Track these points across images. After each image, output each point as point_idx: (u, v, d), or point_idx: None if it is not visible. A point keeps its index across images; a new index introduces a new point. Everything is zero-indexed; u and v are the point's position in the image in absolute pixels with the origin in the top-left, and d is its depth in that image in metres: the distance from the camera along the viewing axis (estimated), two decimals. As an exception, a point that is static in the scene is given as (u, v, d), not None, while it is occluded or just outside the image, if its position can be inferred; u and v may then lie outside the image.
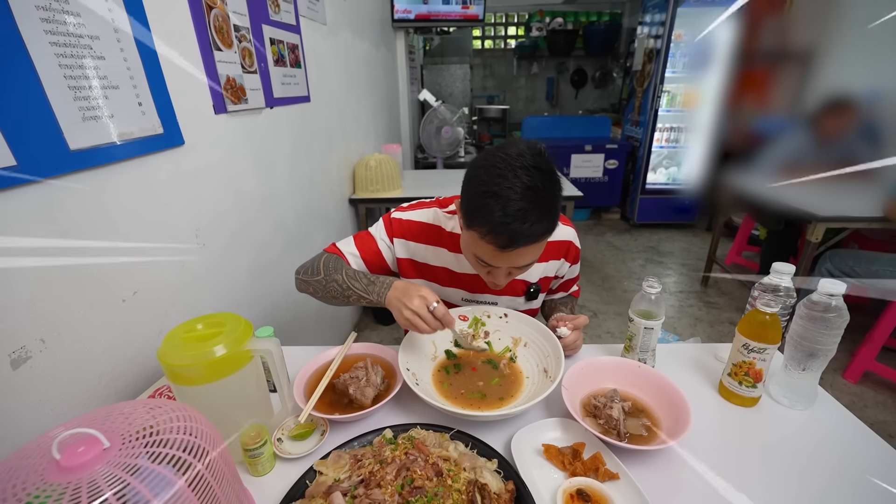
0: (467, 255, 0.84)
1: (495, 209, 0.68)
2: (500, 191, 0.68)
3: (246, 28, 1.27)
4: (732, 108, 2.64)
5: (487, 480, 0.60)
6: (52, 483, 0.42)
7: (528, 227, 0.69)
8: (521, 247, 0.71)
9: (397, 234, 0.97)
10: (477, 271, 0.86)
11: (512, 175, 0.69)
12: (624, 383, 0.81)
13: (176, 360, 0.61)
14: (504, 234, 0.69)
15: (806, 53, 2.16)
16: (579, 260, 1.06)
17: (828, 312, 0.70)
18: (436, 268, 0.99)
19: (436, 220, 0.97)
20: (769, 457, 0.70)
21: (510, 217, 0.68)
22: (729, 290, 2.98)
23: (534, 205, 0.69)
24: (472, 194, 0.73)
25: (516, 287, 1.00)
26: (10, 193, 0.63)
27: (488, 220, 0.69)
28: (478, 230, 0.72)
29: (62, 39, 0.70)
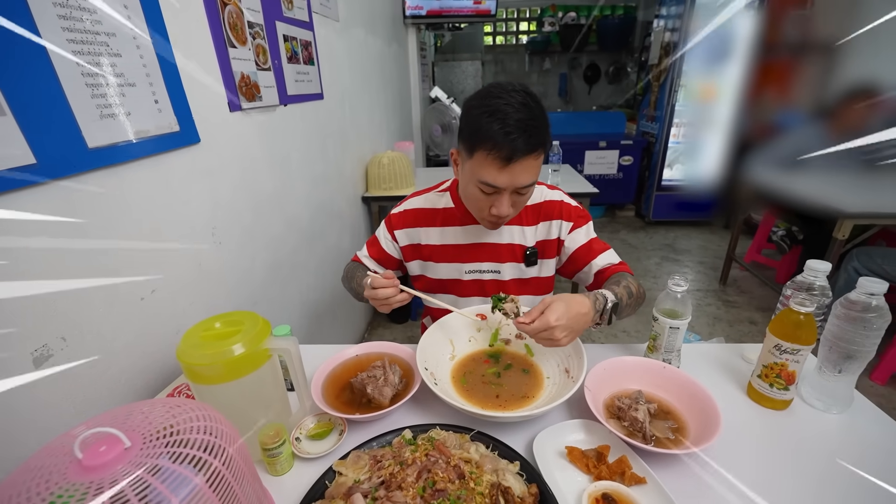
0: (470, 191, 0.87)
1: (495, 125, 0.76)
2: (498, 108, 0.77)
3: (260, 25, 1.27)
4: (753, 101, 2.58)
5: (510, 483, 0.58)
6: (74, 482, 0.42)
7: (526, 138, 0.77)
8: (522, 158, 0.78)
9: (397, 227, 1.05)
10: (477, 210, 0.90)
11: (507, 95, 0.78)
12: (648, 384, 0.78)
13: (194, 360, 0.60)
14: (507, 146, 0.76)
15: (830, 44, 2.09)
16: (586, 223, 1.00)
17: (867, 312, 0.66)
18: (435, 247, 1.03)
19: (427, 203, 1.04)
20: (802, 462, 0.67)
21: (510, 127, 0.76)
22: (749, 288, 2.91)
23: (529, 118, 0.77)
24: (471, 119, 0.80)
25: (515, 252, 1.01)
26: (29, 192, 0.63)
27: (491, 135, 0.77)
28: (481, 149, 0.79)
29: (79, 37, 0.70)
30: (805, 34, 2.26)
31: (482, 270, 1.03)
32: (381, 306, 0.87)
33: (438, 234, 1.03)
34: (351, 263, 1.10)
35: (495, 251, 1.01)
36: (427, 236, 1.04)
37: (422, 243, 1.04)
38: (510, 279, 1.03)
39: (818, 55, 2.11)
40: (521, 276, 1.03)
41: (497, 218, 0.87)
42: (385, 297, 0.84)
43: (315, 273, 1.72)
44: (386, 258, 1.08)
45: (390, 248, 1.07)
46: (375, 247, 1.08)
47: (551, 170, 2.43)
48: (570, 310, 0.74)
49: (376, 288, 0.85)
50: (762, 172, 2.38)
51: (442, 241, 1.03)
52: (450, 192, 1.03)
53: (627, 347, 0.95)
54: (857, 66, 1.95)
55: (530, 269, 1.03)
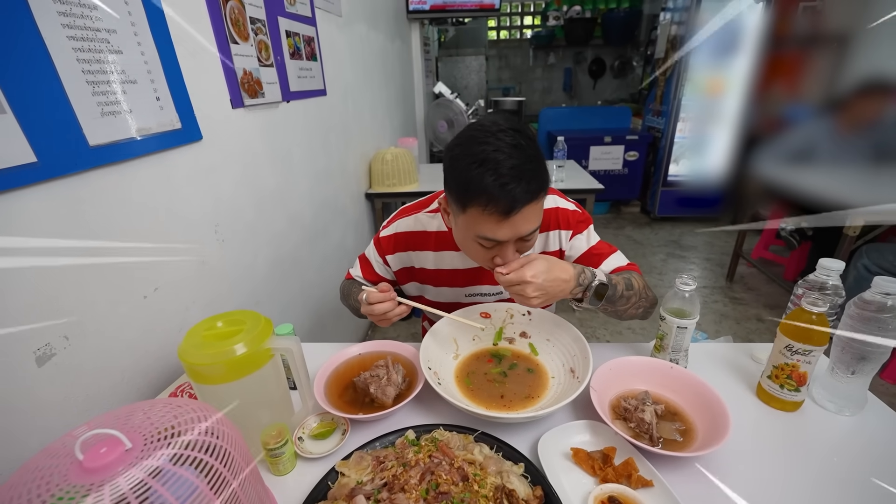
0: (468, 245, 0.79)
1: (487, 176, 0.67)
2: (488, 156, 0.67)
3: (262, 20, 1.25)
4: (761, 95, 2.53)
5: (515, 486, 0.57)
6: (75, 484, 0.42)
7: (525, 185, 0.68)
8: (523, 207, 0.69)
9: (388, 252, 0.98)
10: (481, 262, 0.81)
11: (494, 139, 0.68)
12: (655, 385, 0.77)
13: (197, 359, 0.60)
14: (504, 199, 0.67)
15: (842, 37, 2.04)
16: (587, 226, 0.94)
17: (882, 313, 0.65)
18: (429, 271, 0.97)
19: (417, 226, 0.96)
20: (814, 464, 0.66)
21: (505, 177, 0.67)
22: (756, 285, 2.88)
23: (524, 161, 0.68)
24: (459, 171, 0.71)
25: None
26: (31, 190, 0.63)
27: (484, 188, 0.67)
28: (476, 204, 0.70)
29: (79, 33, 0.69)
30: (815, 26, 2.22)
31: (483, 293, 0.99)
32: (381, 321, 0.83)
33: (433, 258, 0.96)
34: (346, 281, 1.06)
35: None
36: (420, 260, 0.97)
37: (415, 267, 0.98)
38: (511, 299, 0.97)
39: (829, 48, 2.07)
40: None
41: (502, 266, 0.77)
42: (382, 311, 0.81)
43: (318, 270, 1.71)
44: (378, 281, 1.01)
45: (382, 272, 1.01)
46: (368, 268, 1.02)
47: (556, 166, 2.41)
48: (549, 271, 0.72)
49: (373, 303, 0.81)
50: (770, 167, 2.35)
51: (437, 265, 0.96)
52: (441, 213, 0.92)
53: (634, 347, 0.93)
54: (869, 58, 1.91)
55: None
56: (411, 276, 1.00)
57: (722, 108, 3.52)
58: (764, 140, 2.40)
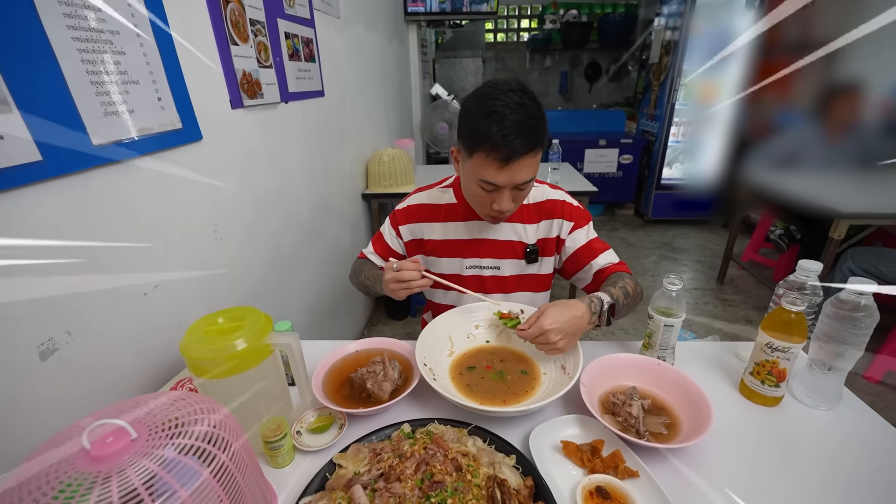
0: (471, 188, 0.88)
1: (493, 126, 0.77)
2: (496, 110, 0.78)
3: (261, 22, 1.27)
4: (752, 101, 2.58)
5: (506, 476, 0.59)
6: (83, 472, 0.43)
7: (524, 138, 0.78)
8: (521, 157, 0.79)
9: (401, 223, 1.08)
10: (480, 206, 0.91)
11: (503, 96, 0.79)
12: (643, 381, 0.80)
13: (198, 354, 0.62)
14: (505, 147, 0.78)
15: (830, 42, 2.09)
16: (587, 223, 1.02)
17: (856, 311, 0.68)
18: (437, 241, 1.06)
19: (430, 199, 1.07)
20: (792, 457, 0.68)
21: (508, 129, 0.77)
22: (746, 287, 2.93)
23: (526, 118, 0.78)
24: (469, 120, 0.81)
25: (516, 249, 1.03)
26: (35, 188, 0.64)
27: (489, 137, 0.78)
28: (481, 150, 0.80)
29: (84, 34, 0.71)
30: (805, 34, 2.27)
31: (482, 266, 1.05)
32: (401, 290, 0.88)
33: (441, 229, 1.05)
34: (358, 260, 1.14)
35: (496, 247, 1.03)
36: (430, 231, 1.06)
37: (424, 238, 1.07)
38: (510, 275, 1.05)
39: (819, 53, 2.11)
40: (520, 273, 1.05)
41: (499, 213, 0.89)
42: (409, 279, 0.87)
43: (315, 269, 1.73)
44: (390, 253, 1.10)
45: (394, 244, 1.09)
46: (380, 242, 1.11)
47: (551, 168, 2.44)
48: (564, 314, 0.78)
49: (400, 270, 0.87)
50: (760, 172, 2.39)
51: (444, 236, 1.05)
52: (453, 188, 1.06)
53: (623, 345, 0.96)
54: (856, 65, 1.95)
55: (530, 266, 1.04)
56: (420, 248, 1.09)
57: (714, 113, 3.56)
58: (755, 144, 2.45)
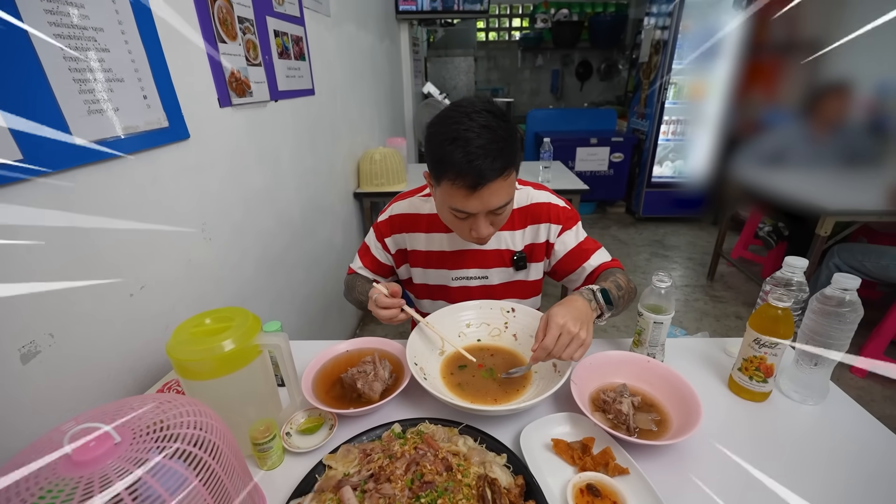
0: (445, 215, 0.85)
1: (457, 152, 0.73)
2: (459, 135, 0.73)
3: (250, 20, 1.26)
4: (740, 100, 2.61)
5: (497, 475, 0.59)
6: (64, 477, 0.42)
7: (490, 162, 0.73)
8: (489, 183, 0.75)
9: (386, 234, 1.04)
10: (458, 232, 0.88)
11: (467, 120, 0.74)
12: (633, 378, 0.80)
13: (185, 355, 0.61)
14: (470, 174, 0.73)
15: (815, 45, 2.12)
16: (576, 223, 0.99)
17: (841, 307, 0.69)
18: (421, 253, 1.03)
19: (411, 208, 1.02)
20: (780, 451, 0.69)
21: (472, 155, 0.72)
22: (735, 284, 2.96)
23: (492, 141, 0.73)
24: (433, 147, 0.77)
25: (503, 257, 1.00)
26: (16, 188, 0.63)
27: (453, 164, 0.74)
28: (446, 178, 0.76)
29: (66, 31, 0.70)
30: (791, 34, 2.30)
31: (469, 277, 1.02)
32: (385, 321, 0.87)
33: (424, 239, 1.01)
34: (349, 277, 1.10)
35: (482, 257, 1.00)
36: (413, 242, 1.02)
37: (408, 249, 1.03)
38: (498, 283, 1.03)
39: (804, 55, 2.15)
40: (509, 280, 1.03)
41: (478, 239, 0.85)
42: (388, 317, 0.85)
43: (306, 269, 1.72)
44: (379, 267, 1.08)
45: (382, 257, 1.06)
46: (368, 257, 1.07)
47: (542, 166, 2.45)
48: (568, 309, 0.74)
49: (381, 307, 0.85)
50: (749, 170, 2.42)
51: (428, 247, 1.02)
52: (433, 197, 0.98)
53: (614, 342, 0.97)
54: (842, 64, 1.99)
55: (519, 272, 1.02)
56: (405, 259, 1.05)
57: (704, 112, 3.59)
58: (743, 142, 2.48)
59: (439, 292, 1.05)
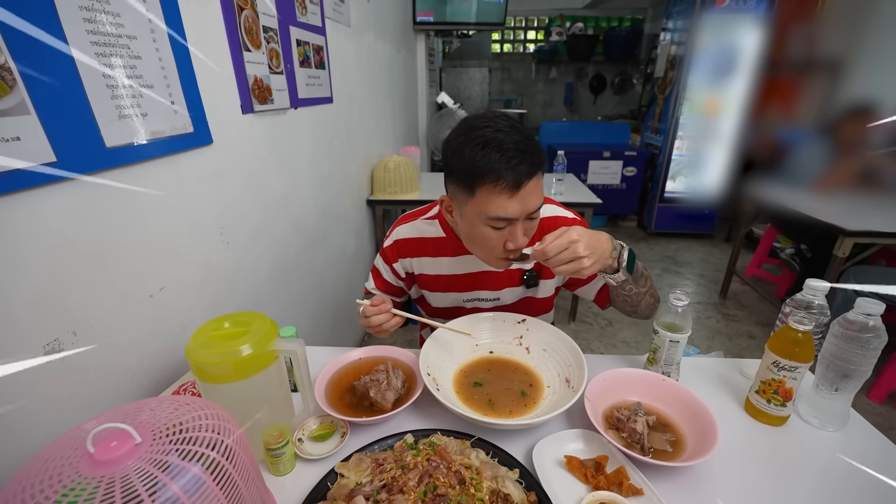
0: (478, 233, 0.80)
1: (493, 154, 0.72)
2: (490, 137, 0.73)
3: (274, 29, 1.29)
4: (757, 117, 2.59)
5: (510, 490, 0.59)
6: (86, 476, 0.43)
7: (530, 158, 0.73)
8: (529, 181, 0.74)
9: (393, 259, 1.02)
10: (491, 251, 0.82)
11: (492, 124, 0.74)
12: (647, 397, 0.79)
13: (203, 358, 0.62)
14: (511, 173, 0.72)
15: (835, 62, 2.11)
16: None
17: (864, 332, 0.67)
18: (429, 277, 1.01)
19: (415, 232, 1.00)
20: (798, 477, 0.68)
21: (511, 152, 0.72)
22: (749, 302, 2.91)
23: (524, 139, 0.74)
24: (465, 157, 0.75)
25: (513, 277, 0.99)
26: (49, 189, 0.65)
27: (491, 166, 0.72)
28: (485, 183, 0.73)
29: (102, 39, 0.72)
30: (810, 51, 2.29)
31: (481, 299, 1.01)
32: (378, 332, 0.86)
33: (431, 264, 1.00)
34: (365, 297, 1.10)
35: (492, 279, 0.98)
36: (420, 266, 1.01)
37: (415, 273, 1.02)
38: (511, 303, 1.02)
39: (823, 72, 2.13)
40: (520, 298, 1.02)
41: (513, 253, 0.80)
42: (378, 323, 0.84)
43: (318, 275, 1.73)
44: (391, 288, 1.07)
45: (392, 280, 1.05)
46: (379, 279, 1.06)
47: (555, 179, 2.45)
48: (590, 235, 0.73)
49: (369, 316, 0.84)
50: (765, 187, 2.39)
51: (436, 271, 1.00)
52: (438, 220, 0.99)
53: (627, 359, 0.96)
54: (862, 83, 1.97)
55: (530, 290, 1.01)
56: (414, 282, 1.05)
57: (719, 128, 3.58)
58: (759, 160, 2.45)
59: (452, 313, 1.03)
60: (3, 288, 0.60)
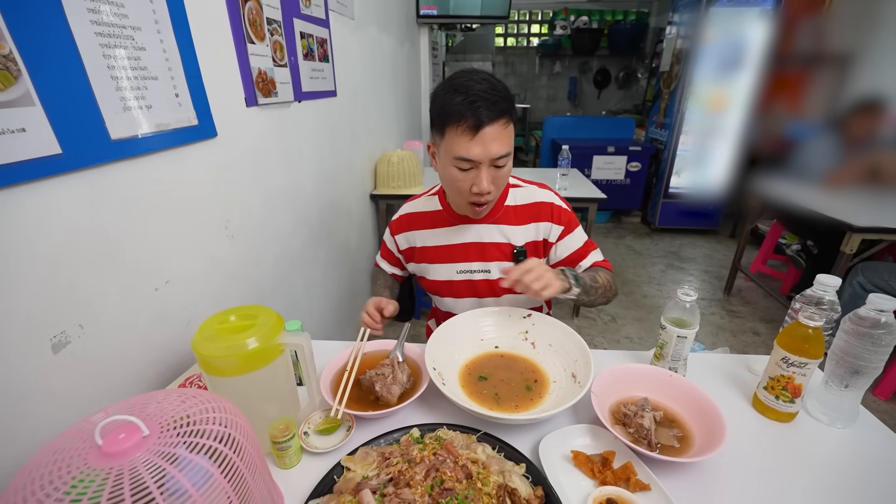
0: (448, 174, 0.88)
1: (458, 98, 0.80)
2: (461, 85, 0.81)
3: (278, 21, 1.28)
4: (764, 111, 2.56)
5: (517, 485, 0.59)
6: (94, 468, 0.43)
7: (490, 105, 0.80)
8: (489, 124, 0.80)
9: (396, 232, 1.12)
10: (461, 195, 0.90)
11: (467, 76, 0.83)
12: (655, 392, 0.79)
13: (209, 351, 0.62)
14: (471, 116, 0.80)
15: (843, 56, 2.08)
16: (578, 226, 1.04)
17: (876, 329, 0.67)
18: (427, 248, 1.08)
19: (419, 207, 1.09)
20: (806, 474, 0.67)
21: (473, 96, 0.80)
22: (753, 299, 2.90)
23: (491, 89, 0.81)
24: (438, 103, 0.84)
25: (504, 251, 1.03)
26: (54, 181, 0.65)
27: (456, 108, 0.80)
28: (450, 125, 0.82)
29: (106, 30, 0.71)
30: (819, 45, 2.26)
31: (472, 270, 1.05)
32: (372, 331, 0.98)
33: (430, 236, 1.07)
34: (374, 269, 1.22)
35: (483, 250, 1.03)
36: (420, 239, 1.08)
37: (416, 246, 1.09)
38: (498, 277, 1.04)
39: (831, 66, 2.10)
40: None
41: (479, 197, 0.88)
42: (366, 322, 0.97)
43: (322, 269, 1.73)
44: (395, 260, 1.16)
45: (395, 251, 1.14)
46: (386, 252, 1.17)
47: (559, 174, 2.44)
48: (539, 264, 0.84)
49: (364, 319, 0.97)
50: (771, 183, 2.37)
51: (433, 242, 1.06)
52: (438, 195, 1.07)
53: (634, 354, 0.95)
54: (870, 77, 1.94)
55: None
56: (412, 256, 1.11)
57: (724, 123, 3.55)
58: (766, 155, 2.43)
59: (447, 288, 1.08)
60: (10, 280, 0.60)
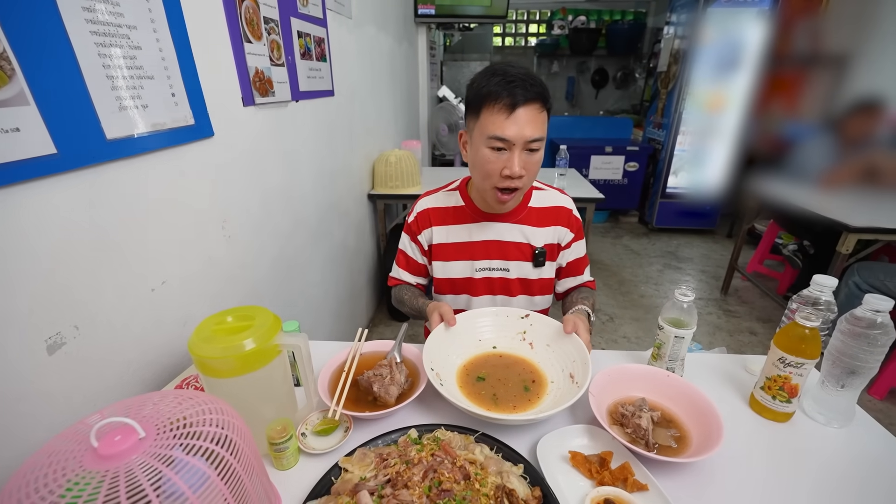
0: (480, 155, 0.89)
1: (496, 79, 0.83)
2: (498, 69, 0.85)
3: (275, 20, 1.27)
4: (761, 112, 2.57)
5: (514, 486, 0.59)
6: (90, 470, 0.43)
7: (528, 85, 0.83)
8: (525, 105, 0.83)
9: (417, 231, 1.08)
10: (490, 178, 0.90)
11: (506, 65, 0.86)
12: (652, 392, 0.79)
13: (206, 352, 0.61)
14: (508, 95, 0.82)
15: (840, 57, 2.09)
16: (583, 237, 1.09)
17: (872, 329, 0.67)
18: (447, 245, 1.07)
19: (437, 202, 1.08)
20: (803, 474, 0.68)
21: (511, 77, 0.83)
22: (750, 298, 2.91)
23: (527, 74, 0.84)
24: (477, 86, 0.87)
25: (524, 251, 1.04)
26: (49, 181, 0.64)
27: (493, 89, 0.83)
28: (486, 104, 0.85)
29: (102, 29, 0.71)
30: (816, 45, 2.26)
31: (492, 268, 1.06)
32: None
33: (450, 231, 1.06)
34: (396, 288, 1.13)
35: (504, 249, 1.04)
36: (440, 235, 1.07)
37: (435, 242, 1.07)
38: (515, 278, 1.06)
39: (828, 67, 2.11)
40: (526, 276, 1.06)
41: (509, 181, 0.88)
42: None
43: (319, 270, 1.73)
44: (418, 268, 1.11)
45: (418, 257, 1.10)
46: (406, 261, 1.11)
47: (557, 174, 2.44)
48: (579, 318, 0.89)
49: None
50: (768, 183, 2.38)
51: (454, 238, 1.06)
52: (459, 190, 1.07)
53: (632, 355, 0.95)
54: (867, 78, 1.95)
55: (536, 269, 1.06)
56: (433, 255, 1.09)
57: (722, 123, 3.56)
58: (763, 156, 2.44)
59: (465, 285, 1.08)
60: (5, 281, 0.59)
